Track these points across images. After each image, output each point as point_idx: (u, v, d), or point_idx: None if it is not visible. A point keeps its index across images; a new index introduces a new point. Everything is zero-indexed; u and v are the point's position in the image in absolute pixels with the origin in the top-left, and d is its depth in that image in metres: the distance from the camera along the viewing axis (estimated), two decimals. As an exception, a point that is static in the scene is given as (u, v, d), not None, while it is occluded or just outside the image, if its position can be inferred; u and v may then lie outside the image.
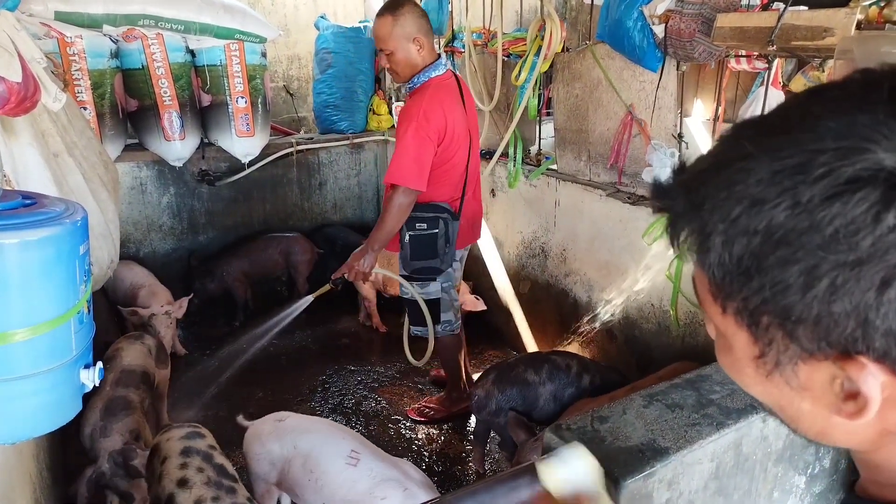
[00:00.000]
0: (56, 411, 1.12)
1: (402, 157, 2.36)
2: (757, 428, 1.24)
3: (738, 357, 0.50)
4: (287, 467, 1.94)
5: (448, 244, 2.56)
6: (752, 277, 0.44)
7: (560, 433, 1.15)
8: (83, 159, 2.31)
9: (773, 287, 0.43)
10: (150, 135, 3.40)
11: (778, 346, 0.46)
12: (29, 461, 1.71)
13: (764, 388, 0.50)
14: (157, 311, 3.12)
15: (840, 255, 0.40)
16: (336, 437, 2.00)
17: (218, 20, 3.23)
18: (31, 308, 1.03)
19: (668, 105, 2.53)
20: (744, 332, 0.48)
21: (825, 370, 0.45)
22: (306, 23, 5.10)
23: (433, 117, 2.35)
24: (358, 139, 4.18)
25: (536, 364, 2.51)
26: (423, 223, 2.49)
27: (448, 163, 2.50)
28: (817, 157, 0.41)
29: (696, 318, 2.52)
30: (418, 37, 2.37)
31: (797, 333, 0.44)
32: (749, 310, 0.45)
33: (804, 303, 0.42)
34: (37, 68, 1.57)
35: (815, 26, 1.77)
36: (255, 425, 2.12)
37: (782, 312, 0.43)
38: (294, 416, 2.15)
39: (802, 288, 0.41)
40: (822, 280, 0.40)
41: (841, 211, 0.39)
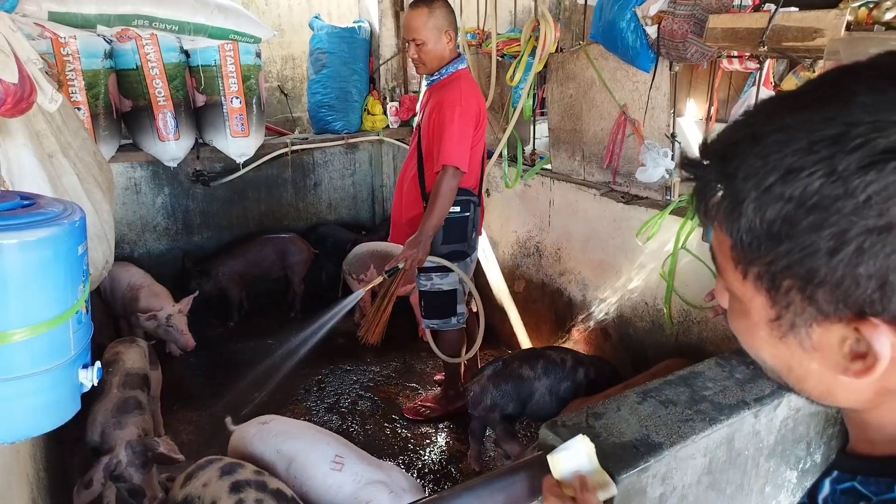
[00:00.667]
0: (55, 411, 1.13)
1: (452, 139, 2.46)
2: (749, 423, 1.26)
3: (754, 321, 0.53)
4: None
5: (475, 228, 2.66)
6: (781, 242, 0.47)
7: (555, 430, 1.17)
8: (78, 160, 2.31)
9: (801, 251, 0.46)
10: (145, 135, 3.40)
11: (795, 309, 0.49)
12: (26, 461, 1.71)
13: (775, 351, 0.53)
14: (173, 311, 3.13)
15: (870, 220, 0.43)
16: (320, 441, 1.99)
17: (212, 20, 3.23)
18: (30, 308, 1.04)
19: (662, 105, 2.55)
20: (762, 296, 0.51)
21: (837, 332, 0.49)
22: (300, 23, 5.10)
23: (473, 103, 2.51)
24: (353, 139, 4.18)
25: (531, 360, 2.55)
26: (457, 206, 2.57)
27: (474, 149, 2.59)
28: (853, 129, 0.44)
29: (689, 317, 2.54)
30: (449, 30, 2.51)
31: (817, 296, 0.47)
32: (772, 273, 0.49)
33: (830, 266, 0.45)
34: (33, 69, 1.57)
35: (806, 27, 1.79)
36: (240, 428, 2.11)
37: (806, 275, 0.47)
38: (279, 419, 2.13)
39: (830, 251, 0.45)
40: (851, 244, 0.44)
41: (875, 179, 0.43)
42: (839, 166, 0.44)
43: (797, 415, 1.36)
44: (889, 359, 0.47)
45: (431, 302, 2.73)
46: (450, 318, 2.75)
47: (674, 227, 2.43)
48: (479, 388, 2.49)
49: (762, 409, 1.27)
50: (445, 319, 2.76)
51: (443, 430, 2.97)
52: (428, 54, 2.53)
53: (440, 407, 3.00)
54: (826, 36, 1.74)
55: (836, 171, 0.44)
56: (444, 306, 2.73)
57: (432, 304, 2.73)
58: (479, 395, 2.48)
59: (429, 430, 2.96)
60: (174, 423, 2.99)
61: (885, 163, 0.42)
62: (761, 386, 1.33)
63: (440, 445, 2.87)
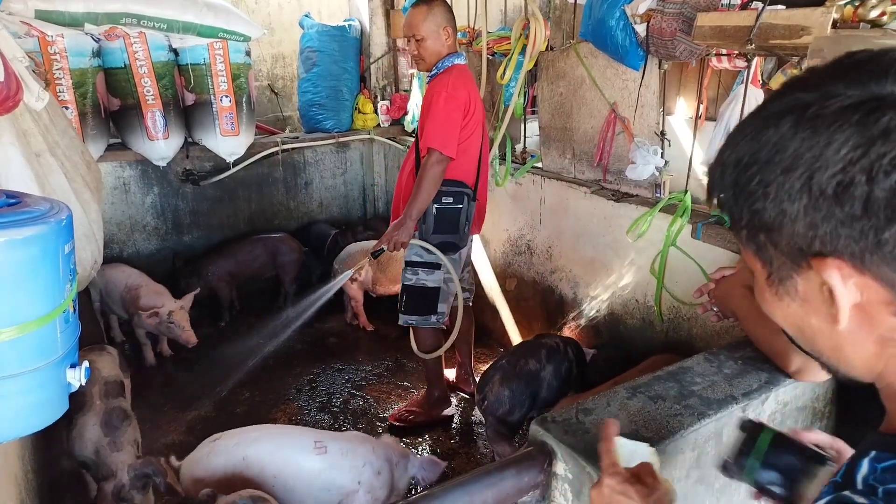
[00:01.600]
0: (43, 410, 1.12)
1: (436, 122, 2.51)
2: (737, 417, 1.26)
3: (760, 286, 0.60)
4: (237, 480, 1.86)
5: (468, 222, 2.66)
6: (738, 200, 0.56)
7: (545, 425, 1.17)
8: (65, 159, 2.29)
9: (751, 200, 0.54)
10: (133, 134, 3.38)
11: (775, 262, 0.56)
12: (14, 462, 1.70)
13: (782, 312, 0.59)
14: (174, 307, 3.13)
15: (781, 161, 0.52)
16: (287, 436, 2.02)
17: (201, 18, 3.22)
18: (17, 307, 1.03)
19: (651, 103, 2.56)
20: (757, 260, 0.58)
21: (812, 278, 0.54)
22: (290, 22, 5.08)
23: (460, 90, 2.52)
24: (343, 138, 4.18)
25: (534, 351, 2.57)
26: (449, 197, 2.58)
27: (467, 141, 2.60)
28: (770, 105, 0.55)
29: (679, 313, 2.56)
30: (447, 27, 2.59)
31: (781, 243, 0.54)
32: (750, 233, 0.56)
33: (773, 210, 0.53)
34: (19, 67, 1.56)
35: (793, 25, 1.80)
36: (188, 457, 2.02)
37: (765, 224, 0.54)
38: (227, 432, 2.06)
39: (765, 196, 0.53)
40: (773, 185, 0.52)
41: (779, 128, 0.53)
42: (760, 129, 0.54)
43: (784, 409, 1.37)
44: (849, 296, 0.51)
45: (413, 297, 2.70)
46: (429, 316, 2.72)
47: (663, 225, 2.45)
48: (493, 395, 2.43)
49: (750, 404, 1.28)
50: (425, 317, 2.72)
51: (436, 428, 2.97)
52: (426, 50, 2.60)
53: (424, 411, 2.96)
54: (813, 34, 1.75)
55: (758, 133, 0.54)
56: (425, 303, 2.70)
57: (414, 299, 2.71)
58: (495, 403, 2.43)
59: (422, 428, 2.96)
60: (164, 424, 2.97)
61: (786, 114, 0.52)
62: (749, 381, 1.34)
63: (433, 444, 2.87)
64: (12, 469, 1.66)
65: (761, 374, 1.36)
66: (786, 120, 0.52)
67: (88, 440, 2.07)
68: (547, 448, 1.14)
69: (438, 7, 2.58)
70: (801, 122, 0.51)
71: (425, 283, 2.68)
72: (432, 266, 2.66)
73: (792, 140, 0.51)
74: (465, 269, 2.94)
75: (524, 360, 2.53)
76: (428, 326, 2.76)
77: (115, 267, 3.41)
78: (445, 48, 2.60)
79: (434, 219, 2.60)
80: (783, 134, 0.52)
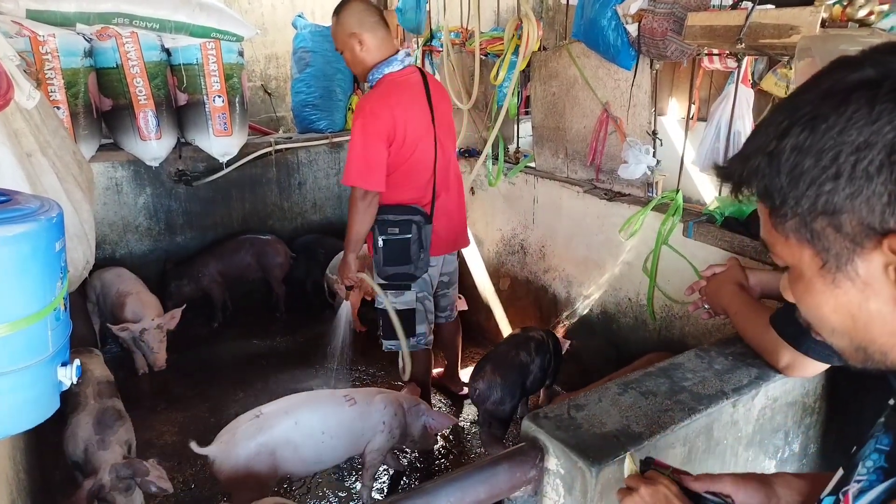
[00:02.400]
0: (33, 409, 1.12)
1: (352, 157, 2.31)
2: (727, 413, 1.28)
3: (808, 277, 0.59)
4: (287, 448, 2.13)
5: (422, 249, 2.45)
6: (798, 185, 0.55)
7: (538, 421, 1.18)
8: (57, 159, 2.28)
9: (814, 184, 0.54)
10: (126, 134, 3.36)
11: (834, 247, 0.55)
12: (6, 463, 1.69)
13: (835, 301, 0.58)
14: (148, 325, 2.97)
15: (852, 137, 0.51)
16: (321, 397, 2.38)
17: (193, 18, 3.21)
18: (7, 304, 1.02)
19: (643, 103, 2.58)
20: (806, 248, 0.58)
21: (876, 259, 0.53)
22: (283, 22, 5.08)
23: (380, 114, 2.28)
24: (337, 138, 4.17)
25: (523, 344, 2.64)
26: (395, 227, 2.39)
27: (406, 163, 2.40)
28: (821, 83, 0.56)
29: (671, 312, 2.57)
30: (356, 32, 2.32)
31: (844, 225, 0.53)
32: (804, 220, 0.56)
33: (840, 190, 0.52)
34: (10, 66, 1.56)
35: (782, 24, 1.82)
36: (227, 438, 2.11)
37: (828, 207, 0.53)
38: (264, 407, 2.24)
39: (834, 176, 0.52)
40: (847, 163, 0.51)
41: (847, 107, 0.52)
42: (819, 111, 0.53)
43: (775, 404, 1.38)
44: None
45: (388, 321, 2.58)
46: (408, 339, 2.61)
47: (656, 224, 2.46)
48: (485, 384, 2.48)
49: (740, 399, 1.29)
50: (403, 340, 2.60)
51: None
52: (349, 63, 2.41)
53: None
54: (802, 33, 1.77)
55: (818, 115, 0.53)
56: (401, 326, 2.58)
57: (389, 322, 2.57)
58: (486, 391, 2.48)
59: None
60: (158, 425, 2.96)
61: (852, 92, 0.52)
62: (739, 376, 1.35)
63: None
64: (4, 470, 1.65)
65: (751, 370, 1.37)
66: (854, 99, 0.52)
67: (81, 439, 2.06)
68: (539, 444, 1.15)
69: (345, 14, 2.34)
70: (877, 98, 0.51)
71: (395, 305, 2.56)
72: (400, 287, 2.54)
73: (867, 117, 0.51)
74: (443, 290, 2.81)
75: (515, 351, 2.60)
76: (411, 350, 2.65)
77: (112, 271, 3.37)
78: (364, 55, 2.34)
79: (382, 252, 2.44)
80: (852, 114, 0.51)
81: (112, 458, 1.99)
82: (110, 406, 2.27)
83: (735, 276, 1.52)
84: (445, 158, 2.54)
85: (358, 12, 2.33)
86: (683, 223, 2.36)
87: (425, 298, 2.63)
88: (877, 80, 0.51)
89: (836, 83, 0.53)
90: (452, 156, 2.64)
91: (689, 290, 1.67)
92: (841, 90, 0.53)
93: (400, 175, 2.40)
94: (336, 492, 2.56)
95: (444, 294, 2.85)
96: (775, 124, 0.57)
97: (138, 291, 3.19)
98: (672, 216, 2.40)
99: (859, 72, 0.53)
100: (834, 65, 0.56)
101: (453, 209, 2.63)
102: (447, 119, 2.57)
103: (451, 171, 2.60)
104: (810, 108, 0.54)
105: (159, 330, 3.02)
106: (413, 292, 2.56)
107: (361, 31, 2.31)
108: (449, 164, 2.57)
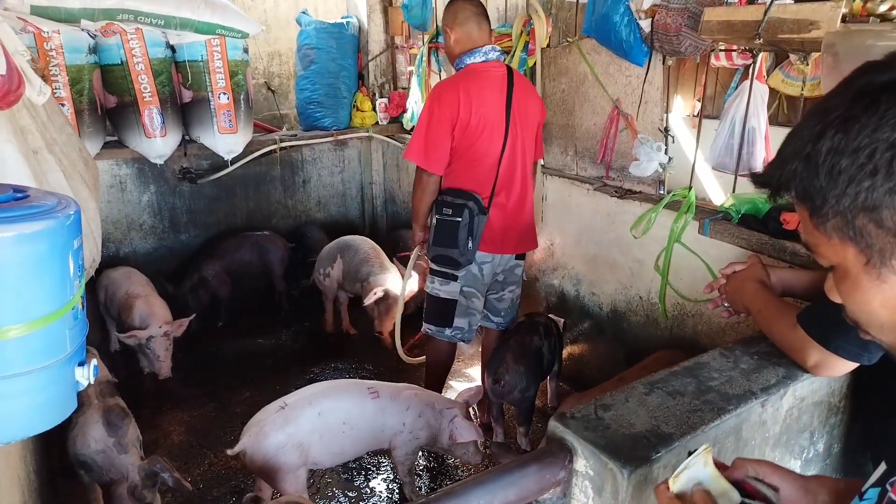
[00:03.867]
0: (51, 410, 1.09)
1: (416, 134, 2.47)
2: (756, 413, 1.25)
3: (854, 274, 0.60)
4: (313, 438, 2.12)
5: (471, 237, 2.45)
6: (837, 184, 0.56)
7: (564, 421, 1.16)
8: (63, 156, 2.25)
9: (853, 182, 0.55)
10: (130, 132, 3.33)
11: (877, 243, 0.56)
12: (17, 464, 1.67)
13: (882, 296, 0.59)
14: (155, 332, 2.92)
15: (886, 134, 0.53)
16: (346, 387, 2.38)
17: (198, 15, 3.18)
18: (26, 304, 1.00)
19: (655, 99, 2.55)
20: (849, 246, 0.59)
21: None
22: (287, 19, 5.05)
23: (446, 100, 2.39)
24: (342, 136, 4.15)
25: (533, 328, 2.69)
26: (449, 208, 2.44)
27: (470, 149, 2.43)
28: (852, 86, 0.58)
29: (683, 310, 2.55)
30: (448, 26, 2.54)
31: (885, 220, 0.55)
32: (846, 218, 0.57)
33: (879, 186, 0.54)
34: (20, 61, 1.53)
35: (801, 19, 1.80)
36: (255, 431, 2.10)
37: (868, 203, 0.55)
38: (286, 397, 2.22)
39: (872, 173, 0.54)
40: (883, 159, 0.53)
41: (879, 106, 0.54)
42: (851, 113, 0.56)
43: (802, 404, 1.36)
44: None
45: (429, 305, 2.67)
46: (444, 329, 2.63)
47: (667, 222, 2.44)
48: (511, 374, 2.51)
49: (769, 399, 1.27)
50: (440, 328, 2.64)
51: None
52: (445, 49, 2.65)
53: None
54: (821, 28, 1.75)
55: (850, 117, 0.55)
56: (439, 314, 2.61)
57: (429, 307, 2.66)
58: (513, 381, 2.51)
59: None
60: (164, 424, 2.94)
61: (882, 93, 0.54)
62: (766, 376, 1.33)
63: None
64: (15, 470, 1.63)
65: (778, 370, 1.35)
66: (884, 99, 0.54)
67: (92, 438, 2.07)
68: (567, 444, 1.12)
69: (449, 7, 2.56)
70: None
71: (438, 293, 2.59)
72: (447, 277, 2.56)
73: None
74: (497, 291, 2.73)
75: (529, 337, 2.64)
76: (443, 339, 2.68)
77: (121, 270, 3.32)
78: (452, 46, 2.54)
79: (433, 231, 2.49)
80: (884, 112, 0.54)
81: (133, 459, 2.06)
82: (114, 404, 2.27)
83: (757, 274, 1.50)
84: (514, 155, 2.52)
85: (456, 10, 2.53)
86: (697, 221, 2.34)
87: (473, 295, 2.61)
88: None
89: (865, 86, 0.56)
90: (526, 156, 2.58)
91: (707, 289, 1.65)
92: (870, 91, 0.55)
93: (465, 162, 2.46)
94: (346, 492, 2.54)
95: (500, 297, 2.75)
96: (809, 129, 0.59)
97: (147, 295, 3.13)
98: (685, 213, 2.37)
99: (887, 74, 0.55)
100: (861, 69, 0.58)
101: (513, 209, 2.58)
102: (528, 119, 2.56)
103: (518, 170, 2.56)
104: (842, 111, 0.56)
105: (166, 338, 2.96)
106: (459, 284, 2.56)
107: (453, 25, 2.51)
108: (517, 161, 2.54)
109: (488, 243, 2.53)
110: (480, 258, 2.54)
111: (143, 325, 2.96)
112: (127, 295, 3.11)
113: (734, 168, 2.50)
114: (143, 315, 2.99)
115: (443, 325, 2.62)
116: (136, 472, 2.01)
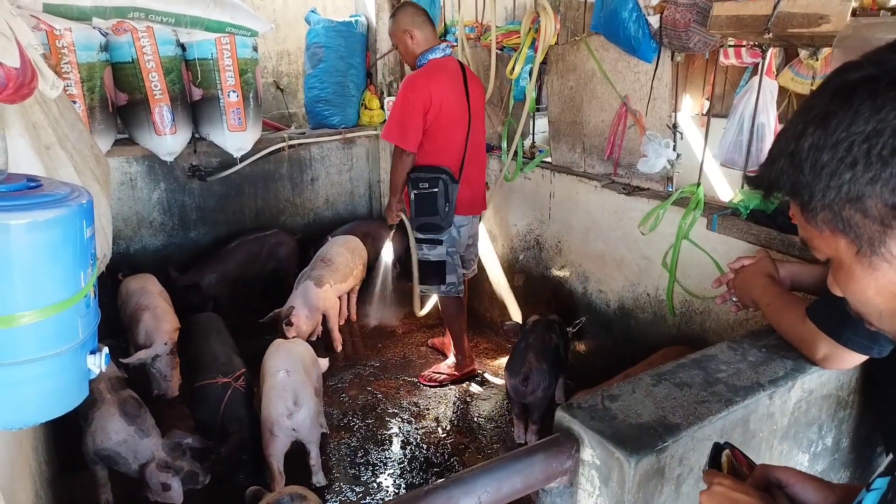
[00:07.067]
0: (63, 396, 1.11)
1: (391, 118, 2.85)
2: (764, 405, 1.25)
3: (848, 264, 0.62)
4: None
5: (448, 203, 2.87)
6: (821, 178, 0.58)
7: (572, 412, 1.16)
8: (75, 152, 2.27)
9: (835, 175, 0.57)
10: (141, 129, 3.36)
11: (865, 232, 0.58)
12: (29, 454, 1.69)
13: (876, 284, 0.60)
14: (160, 350, 2.84)
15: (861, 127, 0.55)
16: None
17: (208, 13, 3.20)
18: (39, 290, 1.01)
19: (663, 96, 2.55)
20: (840, 238, 0.60)
21: None
22: (295, 17, 5.07)
23: (418, 88, 2.76)
24: (350, 134, 4.16)
25: (548, 327, 2.80)
26: (425, 183, 2.84)
27: (442, 133, 2.82)
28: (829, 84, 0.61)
29: (691, 307, 2.54)
30: (408, 30, 2.84)
31: (870, 209, 0.57)
32: (833, 210, 0.59)
33: (859, 176, 0.56)
34: (34, 54, 1.55)
35: (811, 13, 1.79)
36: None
37: (852, 194, 0.57)
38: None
39: (851, 164, 0.56)
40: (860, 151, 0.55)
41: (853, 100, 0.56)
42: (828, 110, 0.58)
43: (810, 397, 1.35)
44: None
45: (423, 269, 3.06)
46: (439, 286, 3.05)
47: (675, 218, 2.43)
48: (535, 373, 2.59)
49: (777, 391, 1.26)
50: (436, 286, 3.06)
51: (444, 423, 2.96)
52: (402, 54, 2.96)
53: (451, 373, 3.25)
54: (832, 22, 1.74)
55: (828, 113, 0.58)
56: (433, 274, 3.03)
57: (424, 271, 3.06)
58: (538, 380, 2.60)
59: (431, 423, 2.95)
60: (171, 420, 2.95)
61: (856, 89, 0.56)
62: (774, 368, 1.33)
63: (442, 439, 2.85)
64: (27, 460, 1.64)
65: (786, 362, 1.34)
66: (857, 94, 0.56)
67: (112, 431, 2.13)
68: (574, 434, 1.13)
69: (399, 15, 2.87)
70: (878, 91, 0.55)
71: (428, 256, 3.00)
72: (433, 242, 2.97)
73: (871, 109, 0.55)
74: (472, 247, 3.22)
75: (548, 335, 2.74)
76: (441, 295, 3.10)
77: (138, 280, 3.26)
78: (414, 47, 2.84)
79: (414, 203, 2.89)
80: (858, 108, 0.56)
81: (156, 440, 2.18)
82: (128, 395, 2.30)
83: (765, 268, 1.50)
84: (476, 133, 2.96)
85: (411, 14, 2.87)
86: (705, 217, 2.33)
87: (455, 253, 3.04)
88: (876, 76, 0.56)
89: (840, 84, 0.58)
90: (481, 136, 3.06)
91: (716, 283, 1.65)
92: (845, 88, 0.57)
93: (439, 141, 2.84)
94: (353, 486, 2.55)
95: (470, 251, 3.24)
96: (792, 128, 0.62)
97: (154, 307, 3.01)
98: (693, 210, 2.37)
99: (860, 71, 0.58)
100: (838, 69, 0.61)
101: (475, 179, 3.05)
102: (479, 104, 3.00)
103: (478, 148, 3.03)
104: (820, 109, 0.59)
105: (172, 356, 2.89)
106: (444, 247, 2.99)
107: (413, 28, 2.83)
108: (479, 138, 3.02)
109: (463, 208, 2.97)
110: (459, 222, 2.98)
111: (148, 341, 2.87)
112: (137, 306, 3.04)
113: (743, 164, 2.49)
114: (148, 330, 2.89)
115: (437, 283, 3.05)
116: (160, 450, 2.14)
